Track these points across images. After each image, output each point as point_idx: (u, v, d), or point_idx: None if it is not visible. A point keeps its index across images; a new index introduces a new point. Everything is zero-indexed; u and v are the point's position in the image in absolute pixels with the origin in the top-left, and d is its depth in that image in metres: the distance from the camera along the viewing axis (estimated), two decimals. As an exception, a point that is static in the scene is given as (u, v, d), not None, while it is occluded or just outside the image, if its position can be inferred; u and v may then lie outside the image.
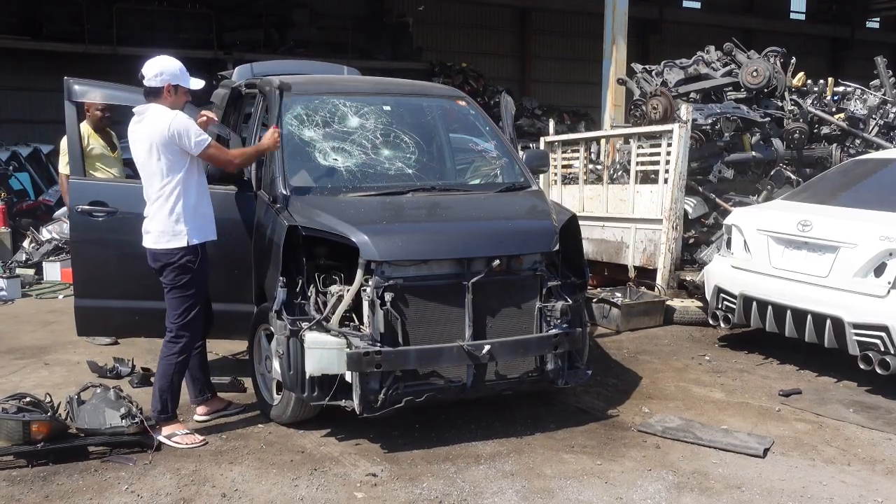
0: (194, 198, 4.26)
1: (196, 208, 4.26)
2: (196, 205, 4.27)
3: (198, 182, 4.30)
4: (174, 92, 4.21)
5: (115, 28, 19.25)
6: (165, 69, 4.20)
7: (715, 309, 6.18)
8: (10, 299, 8.26)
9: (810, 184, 6.67)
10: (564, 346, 4.36)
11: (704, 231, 7.94)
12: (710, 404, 4.99)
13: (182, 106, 4.28)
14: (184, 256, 4.24)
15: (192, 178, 4.26)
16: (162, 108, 4.19)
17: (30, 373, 5.60)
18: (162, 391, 4.28)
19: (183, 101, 4.29)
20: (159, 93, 4.20)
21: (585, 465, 4.05)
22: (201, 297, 4.39)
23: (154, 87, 4.19)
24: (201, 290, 4.38)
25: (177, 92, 4.22)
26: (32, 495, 3.67)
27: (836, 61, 29.90)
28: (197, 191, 4.28)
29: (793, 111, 8.70)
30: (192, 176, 4.25)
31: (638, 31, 25.20)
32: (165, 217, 4.21)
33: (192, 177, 4.25)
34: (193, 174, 4.26)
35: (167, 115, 4.14)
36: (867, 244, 5.12)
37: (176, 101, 4.23)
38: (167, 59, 4.25)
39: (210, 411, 4.66)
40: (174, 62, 4.24)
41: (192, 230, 4.24)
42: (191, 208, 4.23)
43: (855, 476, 3.96)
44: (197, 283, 4.31)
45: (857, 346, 5.09)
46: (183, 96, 4.28)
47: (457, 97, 5.83)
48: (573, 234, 4.68)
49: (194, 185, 4.27)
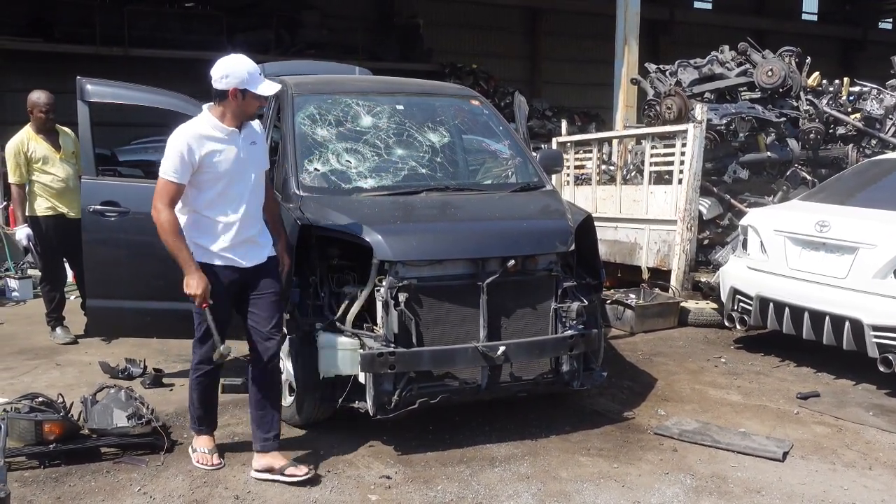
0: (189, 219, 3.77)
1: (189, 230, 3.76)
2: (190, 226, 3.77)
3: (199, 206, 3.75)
4: (241, 97, 3.70)
5: (126, 30, 19.32)
6: (232, 71, 3.69)
7: (731, 310, 6.11)
8: (22, 300, 8.27)
9: (827, 184, 6.59)
10: (580, 347, 4.30)
11: (719, 232, 7.86)
12: (726, 407, 4.93)
13: (252, 113, 3.81)
14: None
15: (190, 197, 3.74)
16: (198, 117, 3.80)
17: (42, 373, 5.59)
18: (188, 405, 4.09)
19: (253, 107, 3.78)
20: (225, 96, 3.71)
21: (602, 468, 3.99)
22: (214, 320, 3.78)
23: (219, 91, 3.71)
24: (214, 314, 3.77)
25: (244, 97, 3.71)
26: (44, 496, 3.64)
27: (849, 62, 29.69)
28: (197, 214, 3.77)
29: (808, 111, 8.61)
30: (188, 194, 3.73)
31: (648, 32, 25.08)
32: None
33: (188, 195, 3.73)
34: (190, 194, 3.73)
35: (181, 126, 3.74)
36: (887, 245, 5.05)
37: (244, 107, 3.74)
38: (236, 59, 3.75)
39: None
40: (244, 64, 3.73)
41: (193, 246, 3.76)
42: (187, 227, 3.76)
43: (877, 480, 3.89)
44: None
45: (877, 348, 5.02)
46: (252, 102, 3.75)
47: (470, 97, 5.79)
48: (588, 234, 4.63)
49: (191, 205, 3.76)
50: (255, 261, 3.85)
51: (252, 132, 3.87)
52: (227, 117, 3.75)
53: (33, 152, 6.31)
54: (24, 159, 6.28)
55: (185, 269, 3.65)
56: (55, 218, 6.34)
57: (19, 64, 18.47)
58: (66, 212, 6.34)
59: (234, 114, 3.74)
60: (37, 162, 6.31)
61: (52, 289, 6.56)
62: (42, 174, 6.33)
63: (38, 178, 6.33)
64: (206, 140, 3.70)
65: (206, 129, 3.72)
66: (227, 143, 3.75)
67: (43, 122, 6.38)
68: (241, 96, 3.70)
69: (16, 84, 19.01)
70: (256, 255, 3.87)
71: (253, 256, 3.85)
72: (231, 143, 3.76)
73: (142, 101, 5.47)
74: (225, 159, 3.73)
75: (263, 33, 20.81)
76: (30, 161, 6.29)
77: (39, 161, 6.32)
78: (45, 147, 6.36)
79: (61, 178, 6.37)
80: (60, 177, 6.37)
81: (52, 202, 6.35)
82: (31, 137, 6.35)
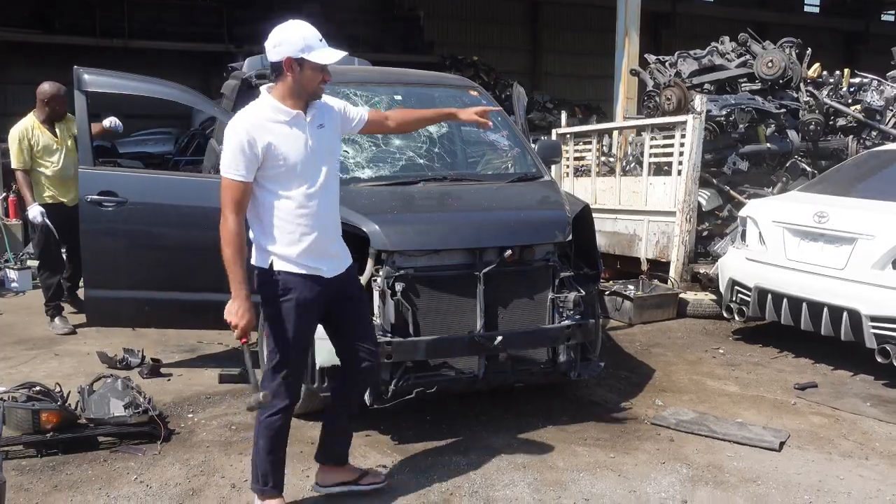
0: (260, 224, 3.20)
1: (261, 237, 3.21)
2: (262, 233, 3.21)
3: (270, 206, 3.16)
4: (297, 68, 3.09)
5: (126, 21, 19.30)
6: (285, 38, 3.09)
7: (729, 301, 6.11)
8: (22, 291, 8.27)
9: (826, 175, 6.58)
10: (577, 337, 4.30)
11: (718, 223, 7.86)
12: (724, 397, 4.93)
13: (313, 90, 3.16)
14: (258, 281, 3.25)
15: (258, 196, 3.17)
16: (256, 100, 3.19)
17: (40, 363, 5.60)
18: (252, 457, 3.39)
19: (313, 81, 3.13)
20: (280, 70, 3.11)
21: (598, 458, 4.00)
22: (293, 350, 3.27)
23: (274, 64, 3.13)
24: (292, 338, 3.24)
25: (302, 68, 3.09)
26: (41, 485, 3.66)
27: (851, 55, 29.64)
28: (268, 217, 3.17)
29: (808, 102, 8.59)
30: (256, 193, 3.16)
31: (650, 24, 25.03)
32: None
33: (256, 194, 3.16)
34: (257, 193, 3.16)
35: (238, 114, 3.18)
36: (885, 236, 5.04)
37: (302, 82, 3.11)
38: (291, 24, 3.13)
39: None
40: (300, 28, 3.11)
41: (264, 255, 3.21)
42: (258, 234, 3.22)
43: (873, 470, 3.89)
44: (284, 327, 3.22)
45: (875, 339, 5.02)
46: (311, 74, 3.11)
47: (468, 87, 5.78)
48: (586, 224, 4.62)
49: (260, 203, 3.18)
50: (336, 270, 3.32)
51: (319, 113, 3.25)
52: (287, 97, 3.15)
53: (36, 141, 6.41)
54: (28, 146, 6.39)
55: (234, 292, 3.07)
56: (55, 206, 6.42)
57: (20, 56, 18.45)
58: (66, 201, 6.41)
59: (293, 91, 3.14)
60: (38, 151, 6.42)
61: (49, 276, 6.62)
62: (43, 163, 6.44)
63: (40, 166, 6.44)
64: (268, 127, 3.11)
65: (266, 113, 3.13)
66: (291, 129, 3.15)
67: (49, 114, 6.50)
68: (298, 67, 3.09)
69: (17, 75, 19.04)
70: (337, 263, 3.34)
71: (334, 266, 3.32)
72: (296, 128, 3.16)
73: (139, 91, 5.46)
74: (292, 148, 3.13)
75: (264, 25, 20.77)
76: (32, 149, 6.40)
77: (41, 150, 6.43)
78: (48, 136, 6.47)
79: (62, 166, 6.47)
80: (60, 166, 6.47)
81: (52, 191, 6.46)
82: (35, 126, 6.46)
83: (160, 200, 5.08)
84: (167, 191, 5.18)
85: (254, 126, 3.09)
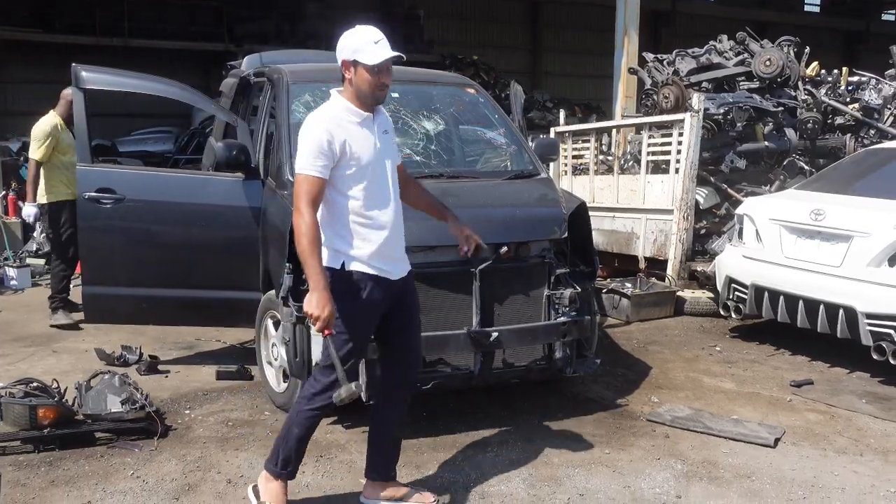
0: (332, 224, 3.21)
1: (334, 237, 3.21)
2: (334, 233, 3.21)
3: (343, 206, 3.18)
4: (353, 69, 3.14)
5: (126, 21, 19.31)
6: (344, 42, 3.14)
7: (726, 299, 6.12)
8: (21, 288, 8.28)
9: (823, 173, 6.59)
10: (572, 333, 4.31)
11: (716, 221, 7.87)
12: (720, 394, 4.94)
13: (369, 92, 3.16)
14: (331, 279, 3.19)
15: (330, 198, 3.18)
16: (329, 101, 3.24)
17: (38, 360, 5.61)
18: (277, 439, 3.39)
19: (368, 83, 3.13)
20: (343, 73, 3.19)
21: (593, 454, 4.01)
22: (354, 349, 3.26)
23: (341, 67, 3.19)
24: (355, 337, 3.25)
25: (356, 70, 3.14)
26: (38, 480, 3.67)
27: (851, 55, 29.61)
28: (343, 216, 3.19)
29: (806, 101, 8.60)
30: (329, 195, 3.17)
31: (650, 23, 25.03)
32: None
33: (328, 196, 3.17)
34: (330, 195, 3.16)
35: (313, 114, 3.23)
36: (881, 233, 5.05)
37: (359, 83, 3.14)
38: (354, 29, 3.18)
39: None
40: (357, 32, 3.16)
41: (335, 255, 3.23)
42: (329, 234, 3.21)
43: (867, 466, 3.90)
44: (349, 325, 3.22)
45: (871, 336, 5.03)
46: (365, 76, 3.12)
47: (465, 84, 5.78)
48: (582, 221, 4.63)
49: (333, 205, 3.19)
50: (400, 273, 3.32)
51: (384, 119, 3.32)
52: (353, 99, 3.19)
53: (62, 138, 6.61)
54: (56, 141, 6.57)
55: (313, 284, 3.04)
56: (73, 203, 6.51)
57: (19, 55, 18.47)
58: None
59: (355, 94, 3.18)
60: (62, 147, 6.59)
61: (65, 268, 6.74)
62: (64, 160, 6.59)
63: (60, 163, 6.60)
64: (343, 126, 3.15)
65: (340, 112, 3.18)
66: (362, 129, 3.19)
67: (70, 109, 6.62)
68: (353, 69, 3.14)
69: (16, 75, 19.05)
70: (402, 266, 3.35)
71: (400, 268, 3.33)
72: (366, 129, 3.21)
73: (137, 88, 5.47)
74: (364, 148, 3.17)
75: (264, 24, 20.79)
76: (58, 145, 6.58)
77: (65, 147, 6.59)
78: (69, 135, 6.60)
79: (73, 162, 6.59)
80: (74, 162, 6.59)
81: (71, 188, 6.56)
82: (60, 123, 6.65)
83: (157, 197, 5.09)
84: (164, 188, 5.18)
85: (332, 123, 3.13)
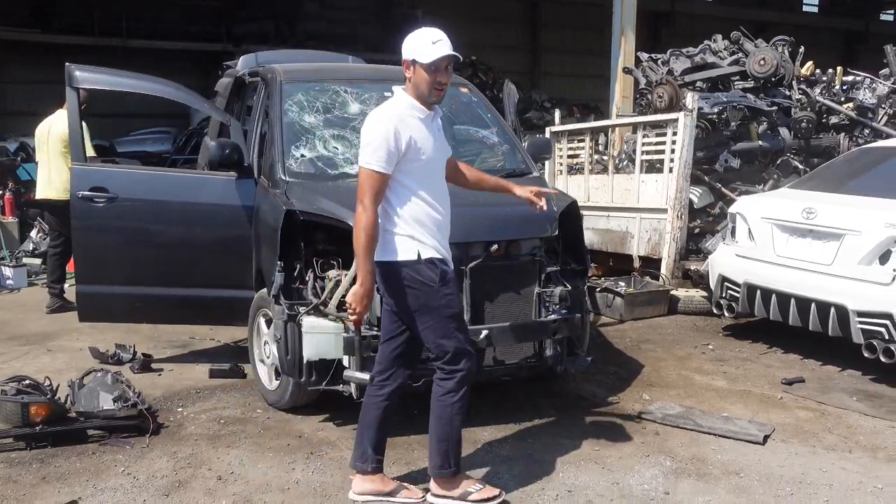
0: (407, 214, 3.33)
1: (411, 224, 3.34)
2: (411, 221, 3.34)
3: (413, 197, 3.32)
4: (412, 68, 3.27)
5: (125, 21, 19.33)
6: (408, 42, 3.27)
7: (719, 298, 6.14)
8: (17, 288, 8.31)
9: (816, 172, 6.61)
10: (563, 331, 4.33)
11: (710, 221, 7.88)
12: (711, 392, 4.96)
13: (426, 91, 3.27)
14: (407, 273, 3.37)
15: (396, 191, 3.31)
16: (393, 98, 3.37)
17: (32, 359, 5.63)
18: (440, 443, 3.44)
19: (425, 82, 3.26)
20: (405, 72, 3.33)
21: (583, 451, 4.02)
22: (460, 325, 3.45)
23: (403, 66, 3.35)
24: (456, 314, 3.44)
25: (415, 69, 3.26)
26: (30, 476, 3.69)
27: (851, 54, 29.62)
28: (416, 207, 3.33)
29: (801, 100, 8.62)
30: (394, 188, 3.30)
31: (650, 23, 25.08)
32: None
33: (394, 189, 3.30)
34: (395, 188, 3.30)
35: (378, 110, 3.35)
36: (872, 231, 5.07)
37: (417, 82, 3.27)
38: (422, 29, 3.31)
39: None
40: (424, 32, 3.28)
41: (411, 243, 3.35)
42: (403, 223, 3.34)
43: (855, 463, 3.92)
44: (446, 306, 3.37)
45: (862, 334, 5.05)
46: (422, 75, 3.25)
47: (459, 84, 5.78)
48: (574, 220, 4.64)
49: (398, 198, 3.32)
50: (450, 262, 3.47)
51: (438, 119, 3.47)
52: (415, 97, 3.32)
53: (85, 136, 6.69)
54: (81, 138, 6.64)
55: (361, 279, 3.23)
56: None
57: (18, 55, 18.48)
58: None
59: (415, 92, 3.31)
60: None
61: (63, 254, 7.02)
62: None
63: None
64: (408, 122, 3.28)
65: (405, 109, 3.31)
66: (425, 125, 3.33)
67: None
68: (412, 68, 3.27)
69: (15, 75, 19.07)
70: (450, 258, 3.49)
71: (450, 259, 3.47)
72: (428, 126, 3.35)
73: (131, 88, 5.48)
74: (428, 143, 3.32)
75: (263, 24, 20.81)
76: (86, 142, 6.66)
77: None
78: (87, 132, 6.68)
79: None
80: None
81: None
82: None
83: (151, 196, 5.10)
84: (158, 187, 5.20)
85: (397, 119, 3.25)
